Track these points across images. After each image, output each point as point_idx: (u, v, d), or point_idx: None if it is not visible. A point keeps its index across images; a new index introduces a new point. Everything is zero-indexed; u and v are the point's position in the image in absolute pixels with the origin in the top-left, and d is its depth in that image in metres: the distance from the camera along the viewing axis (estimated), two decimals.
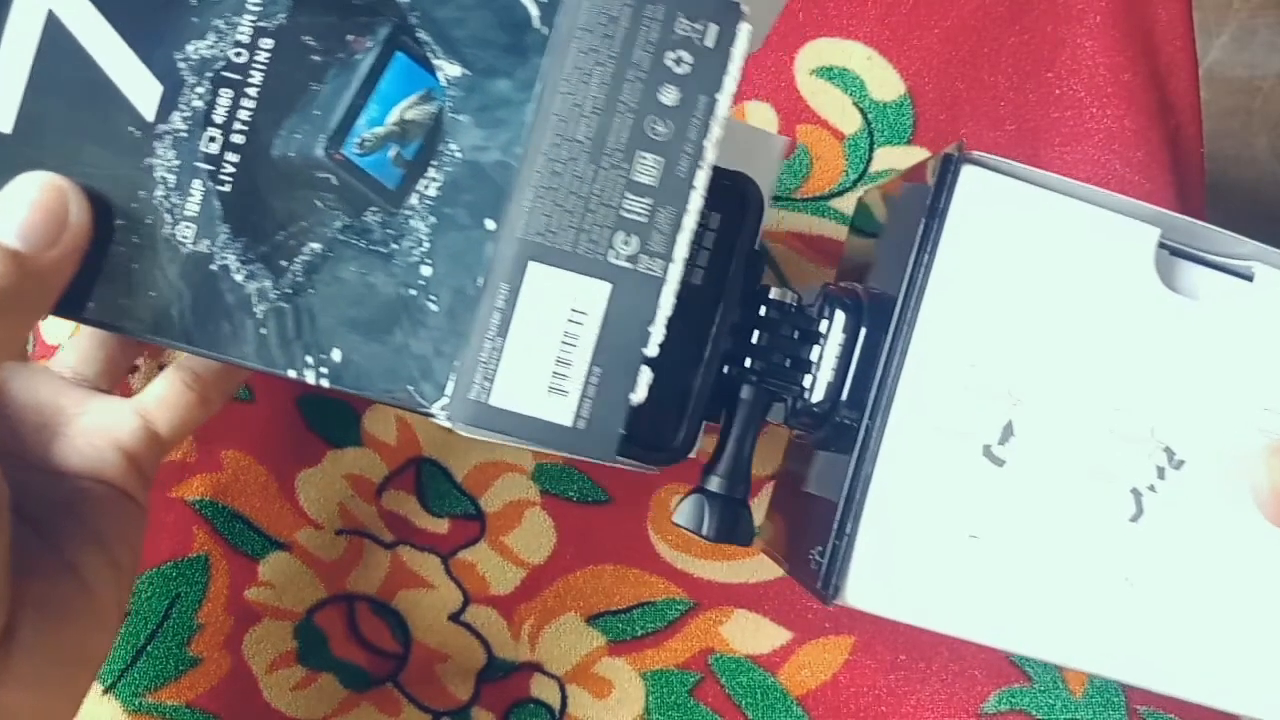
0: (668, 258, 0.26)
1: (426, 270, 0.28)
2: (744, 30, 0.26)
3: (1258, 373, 0.29)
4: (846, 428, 0.29)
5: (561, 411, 0.27)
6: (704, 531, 0.30)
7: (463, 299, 0.28)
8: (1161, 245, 0.30)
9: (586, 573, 0.46)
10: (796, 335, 0.30)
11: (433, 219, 0.28)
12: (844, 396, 0.29)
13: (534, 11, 0.27)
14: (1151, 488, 0.29)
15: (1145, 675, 0.30)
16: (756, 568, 0.47)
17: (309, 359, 0.29)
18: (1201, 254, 0.30)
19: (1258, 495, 0.29)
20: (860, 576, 0.29)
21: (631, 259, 0.27)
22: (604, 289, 0.27)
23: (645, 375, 0.26)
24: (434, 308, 0.28)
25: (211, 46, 0.28)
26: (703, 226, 0.28)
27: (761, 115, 0.50)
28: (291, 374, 0.29)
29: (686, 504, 0.30)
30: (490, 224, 0.28)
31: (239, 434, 0.48)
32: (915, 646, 0.47)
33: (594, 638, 0.46)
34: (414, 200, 0.28)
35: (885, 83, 0.51)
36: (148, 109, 0.28)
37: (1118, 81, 0.50)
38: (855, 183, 0.50)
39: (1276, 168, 1.14)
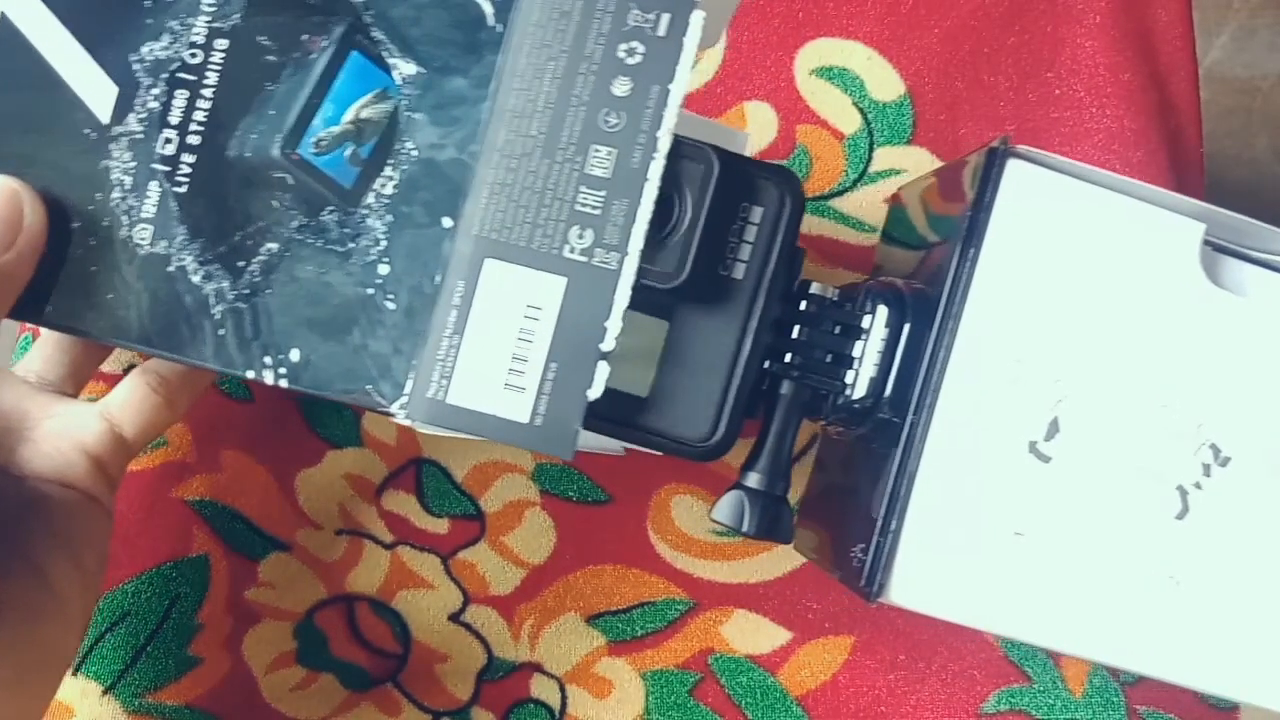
0: (622, 250, 0.26)
1: (384, 269, 0.28)
2: (696, 18, 0.26)
3: None
4: (889, 424, 0.29)
5: (518, 408, 0.26)
6: (744, 528, 0.29)
7: (420, 297, 0.28)
8: (1206, 241, 0.29)
9: (586, 573, 0.46)
10: (838, 330, 0.29)
11: (389, 217, 0.28)
12: (887, 393, 0.29)
13: (488, 9, 0.27)
14: (1198, 485, 0.29)
15: (1192, 675, 0.30)
16: (756, 568, 0.47)
17: (267, 359, 0.29)
18: (1247, 250, 0.30)
19: None
20: (905, 574, 0.29)
21: (586, 253, 0.26)
22: (559, 284, 0.26)
23: (602, 371, 0.26)
24: (391, 306, 0.28)
25: (166, 48, 0.28)
26: (744, 220, 0.28)
27: (761, 115, 0.50)
28: (250, 375, 0.29)
29: (726, 500, 0.29)
30: (447, 221, 0.28)
31: (239, 434, 0.48)
32: (915, 646, 0.47)
33: (594, 638, 0.46)
34: (370, 199, 0.28)
35: (885, 83, 0.51)
36: (103, 111, 0.28)
37: (1117, 81, 0.50)
38: (855, 183, 0.50)
39: (1276, 168, 1.14)
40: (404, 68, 0.28)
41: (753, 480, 0.30)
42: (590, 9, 0.27)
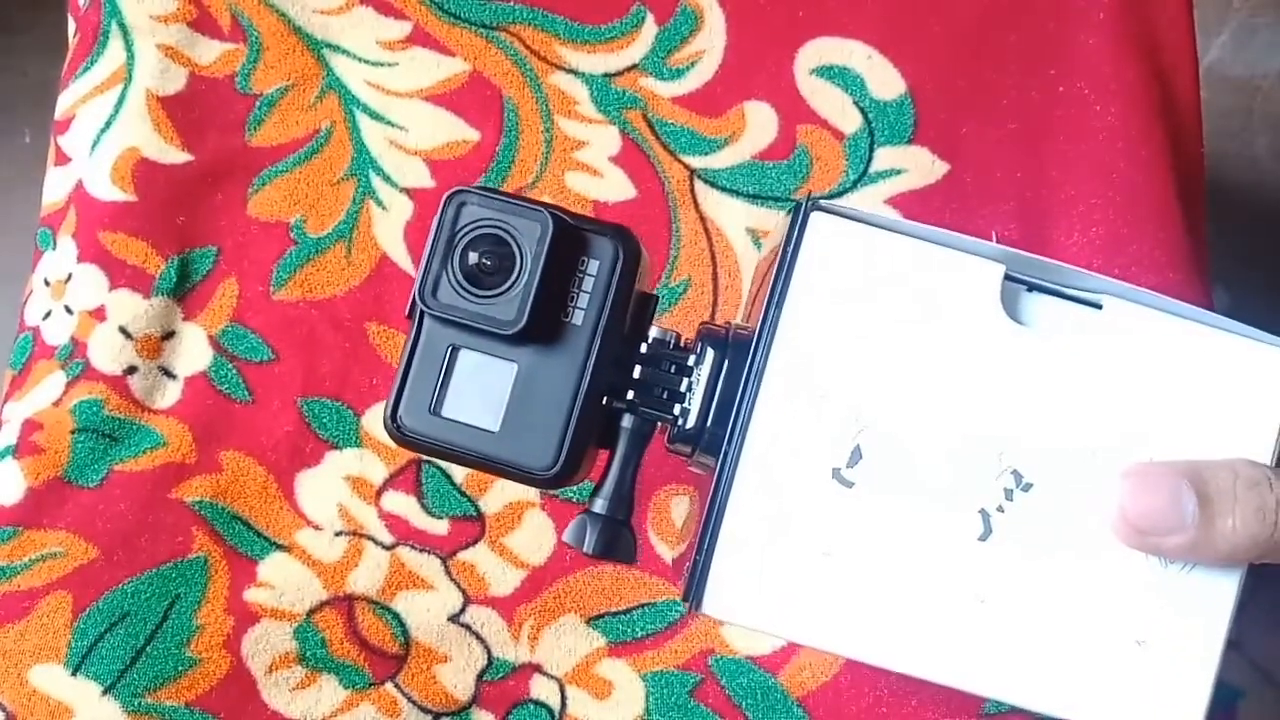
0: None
1: None
2: None
3: (1102, 398, 0.31)
4: (714, 450, 0.32)
5: None
6: (585, 548, 0.32)
7: None
8: (1013, 279, 0.32)
9: (586, 574, 0.46)
10: (673, 369, 0.33)
11: None
12: (708, 423, 0.32)
13: None
14: (1000, 509, 0.31)
15: (999, 688, 0.32)
16: None
17: None
18: (1052, 286, 0.32)
19: (1114, 518, 0.31)
20: (719, 588, 0.31)
21: None
22: None
23: None
24: None
25: None
26: (582, 272, 0.31)
27: (761, 115, 0.50)
28: None
29: (573, 524, 0.32)
30: None
31: (239, 434, 0.48)
32: None
33: (594, 639, 0.46)
34: None
35: (886, 82, 0.51)
36: None
37: (1120, 79, 0.50)
38: (855, 183, 0.50)
39: (1276, 168, 1.14)
40: None
41: (597, 505, 0.32)
42: None
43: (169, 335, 0.49)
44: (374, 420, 0.47)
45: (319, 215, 0.50)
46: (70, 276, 0.50)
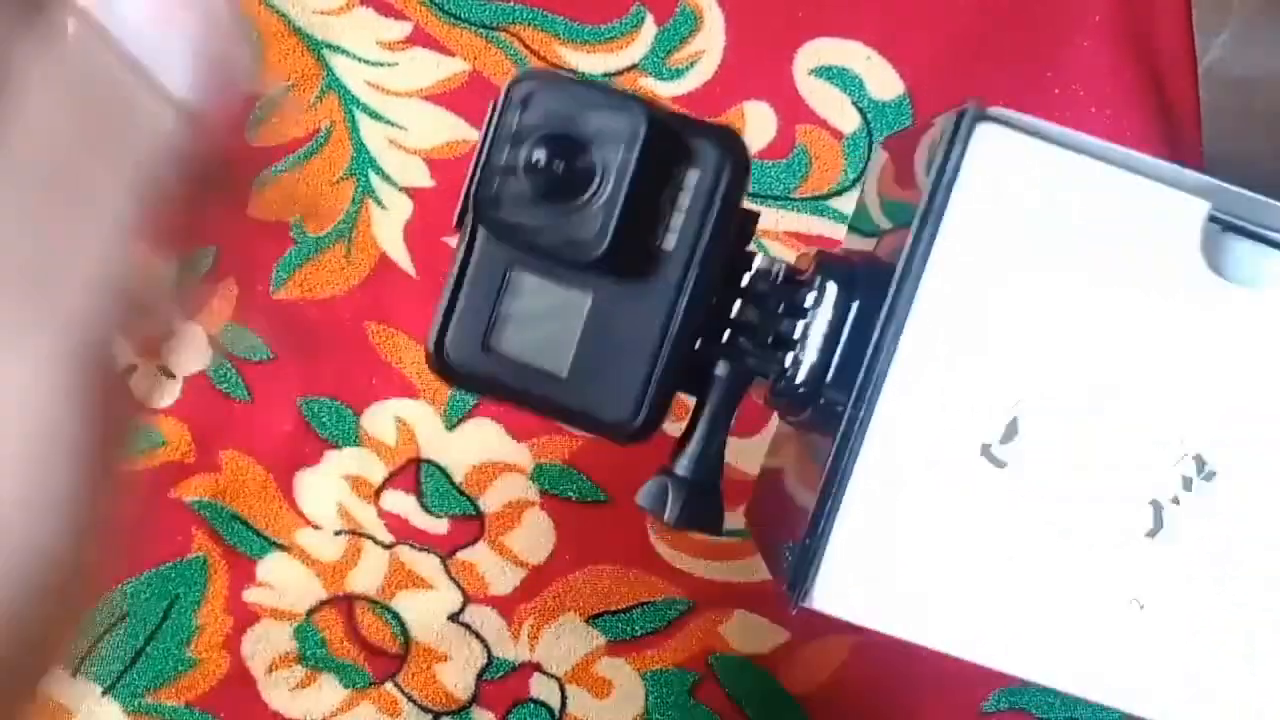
0: None
1: None
2: None
3: None
4: (833, 412, 0.26)
5: None
6: (666, 517, 0.27)
7: None
8: (1215, 220, 0.26)
9: (586, 573, 0.46)
10: (781, 308, 0.27)
11: None
12: (829, 379, 0.26)
13: None
14: (1175, 500, 0.26)
15: (1149, 707, 0.27)
16: (756, 567, 0.47)
17: None
18: (1263, 230, 0.26)
19: None
20: (832, 578, 0.26)
21: None
22: None
23: None
24: None
25: None
26: (678, 186, 0.25)
27: (760, 115, 0.50)
28: None
29: (649, 485, 0.27)
30: None
31: (238, 434, 0.48)
32: (915, 646, 0.46)
33: (594, 638, 0.46)
34: None
35: (884, 82, 0.51)
36: None
37: (1117, 81, 0.50)
38: (854, 182, 0.50)
39: (1276, 168, 1.14)
40: None
41: (681, 467, 0.27)
42: None
43: (168, 335, 0.49)
44: (373, 419, 0.47)
45: (319, 215, 0.50)
46: None
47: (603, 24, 0.53)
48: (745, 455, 0.41)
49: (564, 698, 0.46)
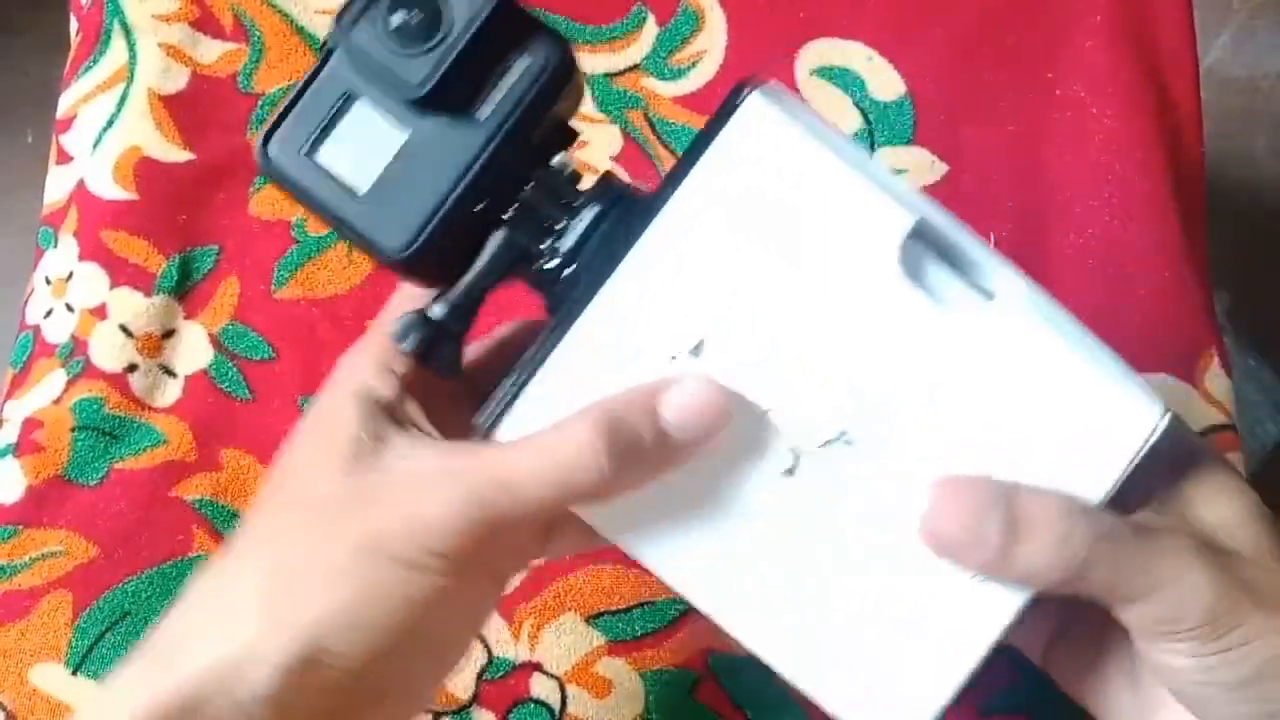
0: None
1: None
2: None
3: (957, 391, 0.29)
4: (561, 302, 0.30)
5: None
6: (404, 346, 0.30)
7: None
8: (921, 235, 0.29)
9: (586, 573, 0.46)
10: (560, 203, 0.30)
11: None
12: (567, 274, 0.30)
13: None
14: (812, 452, 0.30)
15: (746, 635, 0.31)
16: None
17: None
18: (953, 259, 0.30)
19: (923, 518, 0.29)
20: (521, 418, 0.30)
21: None
22: None
23: None
24: None
25: None
26: (506, 66, 0.29)
27: None
28: None
29: (402, 318, 0.30)
30: None
31: (239, 433, 0.48)
32: None
33: (594, 637, 0.46)
34: None
35: (885, 83, 0.51)
36: None
37: (1117, 81, 0.50)
38: None
39: (1276, 167, 1.14)
40: None
41: (434, 310, 0.30)
42: None
43: (170, 333, 0.49)
44: None
45: None
46: (71, 275, 0.50)
47: (604, 24, 0.53)
48: None
49: (564, 697, 0.46)
